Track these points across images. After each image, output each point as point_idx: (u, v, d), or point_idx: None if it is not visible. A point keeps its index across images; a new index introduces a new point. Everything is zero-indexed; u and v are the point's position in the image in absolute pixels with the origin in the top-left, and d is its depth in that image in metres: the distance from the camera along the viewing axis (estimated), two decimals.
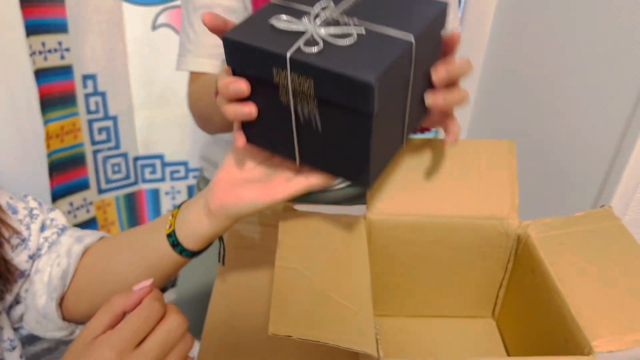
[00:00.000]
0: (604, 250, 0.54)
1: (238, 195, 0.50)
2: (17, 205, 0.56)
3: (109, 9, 1.21)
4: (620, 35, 0.80)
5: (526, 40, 1.09)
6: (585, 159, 0.88)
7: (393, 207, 0.58)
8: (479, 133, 1.31)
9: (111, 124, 1.32)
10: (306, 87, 0.41)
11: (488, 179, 0.59)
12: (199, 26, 0.76)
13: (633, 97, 0.76)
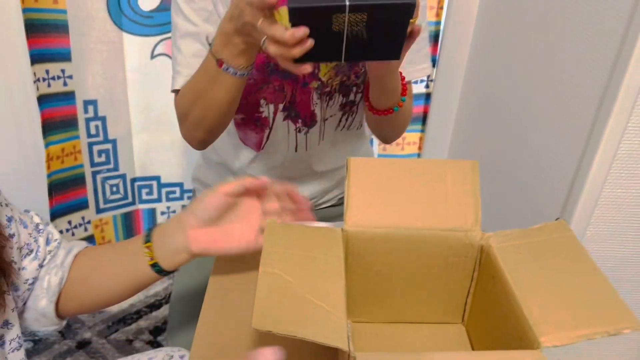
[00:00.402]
0: (556, 258, 0.60)
1: (218, 245, 0.63)
2: (27, 220, 0.63)
3: (110, 39, 1.29)
4: (578, 70, 0.87)
5: (499, 74, 1.17)
6: (548, 179, 0.95)
7: (368, 220, 0.64)
8: (458, 153, 1.38)
9: (110, 147, 1.39)
10: (359, 19, 0.58)
11: (454, 194, 0.65)
12: (186, 50, 0.83)
13: (589, 123, 0.83)
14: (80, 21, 1.24)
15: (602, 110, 0.81)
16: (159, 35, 1.32)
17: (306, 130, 0.91)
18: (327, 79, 0.86)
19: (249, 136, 0.92)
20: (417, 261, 0.67)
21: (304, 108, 0.88)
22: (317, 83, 0.86)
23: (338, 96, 0.89)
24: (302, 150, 0.93)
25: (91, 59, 1.28)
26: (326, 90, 0.87)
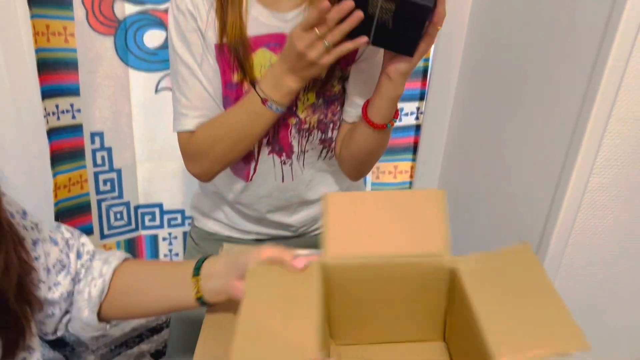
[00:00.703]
0: (517, 281, 0.65)
1: None
2: (57, 237, 0.70)
3: (117, 75, 1.37)
4: (551, 111, 0.94)
5: (482, 108, 1.23)
6: (527, 208, 1.01)
7: (345, 251, 0.69)
8: (447, 181, 1.44)
9: (115, 176, 1.45)
10: (389, 8, 0.70)
11: (424, 222, 0.70)
12: (189, 93, 0.90)
13: (561, 160, 0.89)
14: (89, 59, 1.32)
15: (571, 148, 0.87)
16: (163, 70, 1.40)
17: (290, 162, 0.97)
18: (305, 116, 0.92)
19: (239, 168, 0.98)
20: (395, 285, 0.72)
21: (284, 141, 0.95)
22: (295, 120, 0.92)
23: (317, 132, 0.95)
24: (288, 181, 0.99)
25: (98, 93, 1.36)
26: (304, 127, 0.93)
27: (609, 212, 0.90)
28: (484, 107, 1.23)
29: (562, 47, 0.91)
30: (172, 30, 0.89)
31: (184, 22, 0.87)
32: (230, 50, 0.86)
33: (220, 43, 0.86)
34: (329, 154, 0.99)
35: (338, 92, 0.92)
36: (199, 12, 0.85)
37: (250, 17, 0.85)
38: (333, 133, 0.97)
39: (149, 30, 1.36)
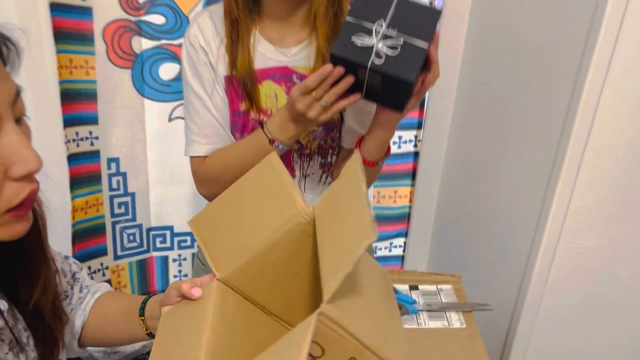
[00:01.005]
0: (343, 203, 0.57)
1: None
2: (66, 269, 0.78)
3: (133, 105, 1.46)
4: (534, 139, 1.01)
5: (474, 138, 1.31)
6: (516, 229, 1.08)
7: (231, 259, 0.67)
8: (445, 204, 1.51)
9: (129, 200, 1.53)
10: (375, 77, 0.78)
11: (275, 190, 0.66)
12: (200, 122, 0.99)
13: (545, 183, 0.96)
14: (108, 90, 1.41)
15: (553, 173, 0.94)
16: (176, 101, 1.49)
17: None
18: (306, 142, 1.00)
19: None
20: (290, 260, 0.66)
21: (287, 166, 1.02)
22: (297, 145, 1.01)
23: (317, 157, 1.03)
24: None
25: (115, 122, 1.45)
26: (306, 152, 1.02)
27: (589, 233, 0.96)
28: (476, 137, 1.31)
29: (543, 83, 0.99)
30: (185, 63, 0.98)
31: (195, 56, 0.96)
32: (239, 82, 0.94)
33: (229, 75, 0.95)
34: (328, 179, 1.07)
35: (337, 120, 1.00)
36: (210, 47, 0.94)
37: (257, 52, 0.95)
38: (332, 158, 1.04)
39: (163, 63, 1.45)
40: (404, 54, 0.77)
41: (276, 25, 0.95)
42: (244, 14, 0.92)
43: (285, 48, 0.96)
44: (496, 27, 1.21)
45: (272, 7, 0.93)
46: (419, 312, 0.96)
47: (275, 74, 0.96)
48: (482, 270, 1.23)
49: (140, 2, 1.37)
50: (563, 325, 1.04)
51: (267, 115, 0.98)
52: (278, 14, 0.94)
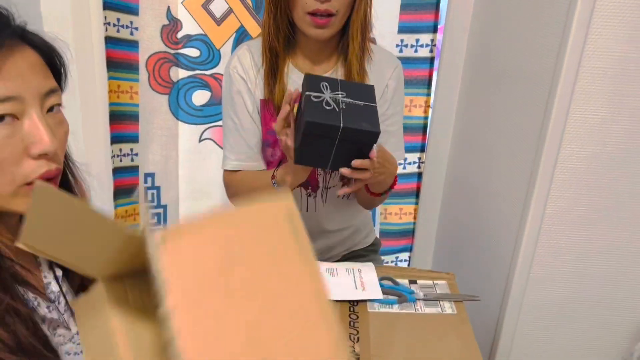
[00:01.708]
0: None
1: None
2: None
3: (168, 126, 1.66)
4: (514, 159, 1.18)
5: (468, 160, 1.49)
6: (502, 231, 1.23)
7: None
8: (445, 219, 1.67)
9: (162, 211, 1.72)
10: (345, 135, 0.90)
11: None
12: (232, 141, 1.16)
13: (524, 192, 1.13)
14: (148, 113, 1.61)
15: (530, 184, 1.11)
16: (206, 124, 1.69)
17: (314, 195, 1.22)
18: None
19: None
20: None
21: (311, 177, 1.19)
22: None
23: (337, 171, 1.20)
24: (312, 211, 1.23)
25: (153, 141, 1.64)
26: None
27: (564, 235, 1.12)
28: (470, 159, 1.48)
29: (521, 111, 1.16)
30: (224, 89, 1.17)
31: (232, 85, 1.14)
32: (273, 105, 1.12)
33: (265, 99, 1.13)
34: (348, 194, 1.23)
35: None
36: (248, 75, 1.12)
37: (290, 79, 1.12)
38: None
39: (196, 90, 1.66)
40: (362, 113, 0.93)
41: (307, 57, 1.13)
42: (283, 48, 1.09)
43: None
44: (486, 65, 1.39)
45: (306, 44, 1.11)
46: (416, 300, 1.11)
47: None
48: (476, 270, 1.38)
49: (178, 37, 1.58)
50: (545, 317, 1.19)
51: None
52: (310, 49, 1.12)
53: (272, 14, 1.05)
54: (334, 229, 1.27)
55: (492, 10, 1.37)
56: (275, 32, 1.07)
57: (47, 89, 0.64)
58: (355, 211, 1.29)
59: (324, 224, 1.26)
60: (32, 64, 0.64)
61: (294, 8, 1.03)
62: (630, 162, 1.06)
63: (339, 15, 1.03)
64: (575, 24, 0.96)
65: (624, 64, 0.99)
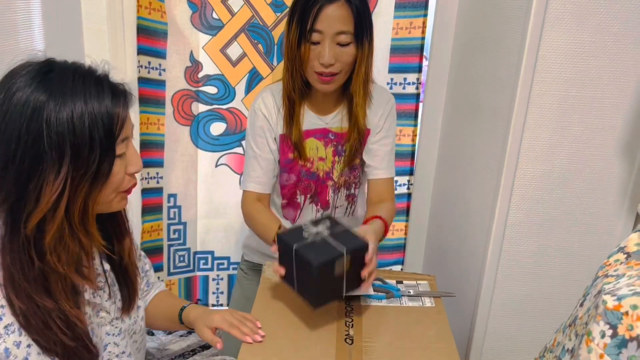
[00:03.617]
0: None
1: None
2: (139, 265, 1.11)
3: (189, 153, 1.89)
4: (484, 177, 1.42)
5: (452, 179, 1.72)
6: (476, 239, 1.45)
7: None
8: (432, 235, 1.88)
9: (182, 228, 1.94)
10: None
11: None
12: (251, 168, 1.37)
13: (490, 205, 1.35)
14: (172, 141, 1.85)
15: (493, 199, 1.34)
16: (222, 151, 1.92)
17: (322, 212, 1.44)
18: (337, 178, 1.40)
19: (288, 213, 1.45)
20: None
21: (323, 197, 1.41)
22: (331, 182, 1.40)
23: (343, 190, 1.42)
24: None
25: (175, 166, 1.88)
26: (337, 187, 1.41)
27: (523, 241, 1.34)
28: (452, 180, 1.72)
29: (487, 139, 1.40)
30: (250, 123, 1.37)
31: (256, 121, 1.34)
32: (290, 140, 1.34)
33: (284, 134, 1.35)
34: (351, 210, 1.45)
35: (358, 163, 1.40)
36: (270, 114, 1.34)
37: (305, 118, 1.35)
38: (355, 190, 1.44)
39: (214, 122, 1.90)
40: (347, 235, 1.05)
41: (319, 101, 1.35)
42: (299, 97, 1.30)
43: (324, 115, 1.36)
44: (462, 100, 1.64)
45: (317, 92, 1.32)
46: (401, 296, 1.33)
47: (316, 133, 1.36)
48: (455, 273, 1.59)
49: (199, 76, 1.83)
50: (511, 311, 1.40)
51: (311, 163, 1.37)
52: (320, 96, 1.33)
53: (290, 71, 1.27)
54: None
55: (466, 54, 1.62)
56: (292, 86, 1.28)
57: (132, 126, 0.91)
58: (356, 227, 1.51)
59: None
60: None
61: (305, 68, 1.24)
62: (575, 180, 1.28)
63: (341, 74, 1.24)
64: (523, 68, 1.20)
65: (564, 101, 1.22)
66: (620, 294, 0.76)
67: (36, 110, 0.76)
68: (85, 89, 0.80)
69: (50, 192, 0.77)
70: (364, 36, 1.23)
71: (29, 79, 0.78)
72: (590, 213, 1.31)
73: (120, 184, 0.87)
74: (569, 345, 0.87)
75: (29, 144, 0.76)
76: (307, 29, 1.19)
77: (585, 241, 1.33)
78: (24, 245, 0.79)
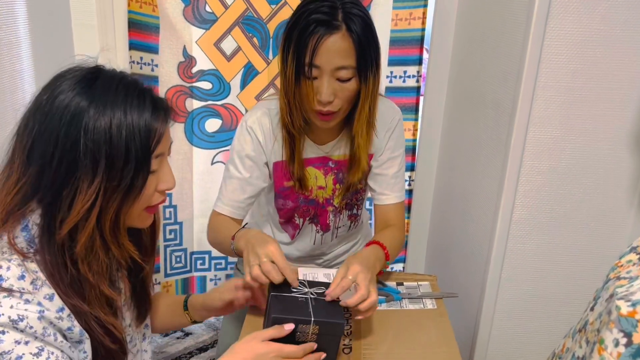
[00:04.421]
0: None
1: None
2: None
3: (184, 151, 1.85)
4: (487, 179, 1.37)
5: (456, 177, 1.67)
6: (477, 237, 1.40)
7: None
8: (435, 228, 1.84)
9: (178, 228, 1.90)
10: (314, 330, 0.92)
11: None
12: (229, 188, 1.23)
13: (494, 199, 1.30)
14: None
15: (498, 196, 1.28)
16: (218, 148, 1.88)
17: (323, 233, 1.37)
18: (338, 204, 1.32)
19: (287, 229, 1.37)
20: None
21: (323, 220, 1.34)
22: (332, 208, 1.32)
23: (345, 212, 1.35)
24: (318, 244, 1.38)
25: (170, 164, 1.82)
26: (338, 210, 1.33)
27: (528, 240, 1.29)
28: (454, 176, 1.67)
29: (491, 134, 1.35)
30: (238, 141, 1.22)
31: (247, 144, 1.20)
32: (291, 172, 1.23)
33: (280, 161, 1.24)
34: (354, 225, 1.38)
35: (362, 187, 1.32)
36: (266, 141, 1.22)
37: (306, 151, 1.24)
38: (358, 211, 1.36)
39: (209, 119, 1.85)
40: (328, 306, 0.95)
41: (319, 131, 1.22)
42: (299, 131, 1.17)
43: (323, 144, 1.26)
44: (463, 93, 1.59)
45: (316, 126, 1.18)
46: (402, 299, 1.28)
47: (315, 162, 1.27)
48: (458, 272, 1.55)
49: (193, 72, 1.79)
50: (516, 312, 1.35)
51: (310, 192, 1.27)
52: (320, 130, 1.21)
53: (288, 107, 1.13)
54: (339, 253, 1.44)
55: (468, 46, 1.57)
56: (292, 123, 1.15)
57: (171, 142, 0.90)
58: (355, 236, 1.46)
59: (330, 250, 1.42)
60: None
61: (303, 104, 1.12)
62: (582, 176, 1.23)
63: (341, 111, 1.12)
64: (528, 59, 1.15)
65: (570, 93, 1.17)
66: (635, 299, 0.71)
67: (76, 116, 0.76)
68: (126, 100, 0.79)
69: (82, 201, 0.77)
70: (367, 70, 1.09)
71: (74, 83, 0.78)
72: (599, 210, 1.26)
73: (149, 200, 0.85)
74: (579, 353, 0.82)
75: (66, 149, 0.76)
76: (304, 63, 1.06)
77: (593, 239, 1.28)
78: (59, 249, 0.79)
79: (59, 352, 0.77)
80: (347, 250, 1.46)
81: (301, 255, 1.41)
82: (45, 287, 0.77)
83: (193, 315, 1.11)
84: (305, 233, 1.37)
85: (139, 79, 0.85)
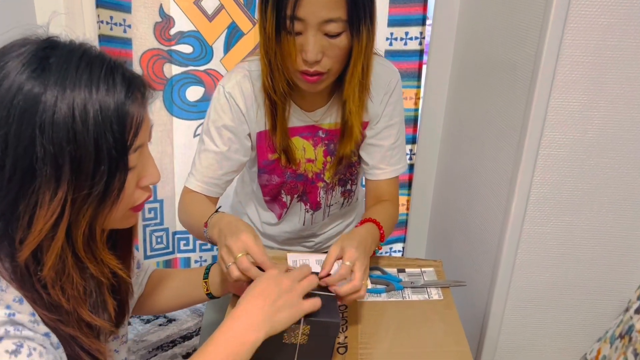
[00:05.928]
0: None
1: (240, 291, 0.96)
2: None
3: (163, 122, 1.68)
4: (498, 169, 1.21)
5: (461, 151, 1.51)
6: (488, 223, 1.26)
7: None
8: (437, 207, 1.69)
9: (158, 206, 1.75)
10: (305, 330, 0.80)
11: None
12: (204, 162, 1.09)
13: (509, 177, 1.15)
14: None
15: (513, 172, 1.13)
16: (200, 119, 1.71)
17: (313, 212, 1.23)
18: (329, 179, 1.18)
19: (274, 208, 1.24)
20: None
21: (313, 198, 1.20)
22: (322, 184, 1.18)
23: (338, 188, 1.21)
24: (308, 224, 1.25)
25: None
26: (330, 186, 1.19)
27: (547, 221, 1.14)
28: (459, 149, 1.51)
29: (505, 103, 1.19)
30: (213, 109, 1.07)
31: (226, 113, 1.05)
32: (274, 142, 1.07)
33: (264, 131, 1.08)
34: (348, 202, 1.25)
35: (355, 160, 1.18)
36: (247, 109, 1.06)
37: (292, 118, 1.09)
38: (352, 186, 1.23)
39: (190, 87, 1.68)
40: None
41: (306, 95, 1.08)
42: (282, 97, 1.02)
43: (312, 111, 1.10)
44: (473, 56, 1.42)
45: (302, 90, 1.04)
46: (404, 288, 1.14)
47: (303, 131, 1.11)
48: (465, 257, 1.41)
49: (171, 34, 1.61)
50: (531, 302, 1.21)
51: (298, 165, 1.12)
52: (307, 94, 1.06)
53: (268, 69, 0.99)
54: (331, 234, 1.31)
55: (478, 2, 1.39)
56: (273, 87, 1.01)
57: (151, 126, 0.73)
58: (349, 214, 1.33)
59: (321, 230, 1.29)
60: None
61: (285, 65, 0.97)
62: (610, 148, 1.08)
63: (330, 72, 0.98)
64: (553, 13, 0.98)
65: (601, 52, 1.00)
66: None
67: (27, 110, 0.60)
68: (91, 81, 0.62)
69: (44, 217, 0.62)
70: (360, 23, 0.95)
71: (22, 64, 0.61)
72: (629, 188, 1.11)
73: (130, 200, 0.71)
74: None
75: (19, 154, 0.60)
76: (286, 15, 0.91)
77: (621, 221, 1.13)
78: (24, 273, 0.65)
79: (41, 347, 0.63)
80: (340, 231, 1.34)
81: (290, 237, 1.27)
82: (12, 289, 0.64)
83: (212, 285, 0.99)
84: (294, 212, 1.23)
85: (106, 53, 0.67)
